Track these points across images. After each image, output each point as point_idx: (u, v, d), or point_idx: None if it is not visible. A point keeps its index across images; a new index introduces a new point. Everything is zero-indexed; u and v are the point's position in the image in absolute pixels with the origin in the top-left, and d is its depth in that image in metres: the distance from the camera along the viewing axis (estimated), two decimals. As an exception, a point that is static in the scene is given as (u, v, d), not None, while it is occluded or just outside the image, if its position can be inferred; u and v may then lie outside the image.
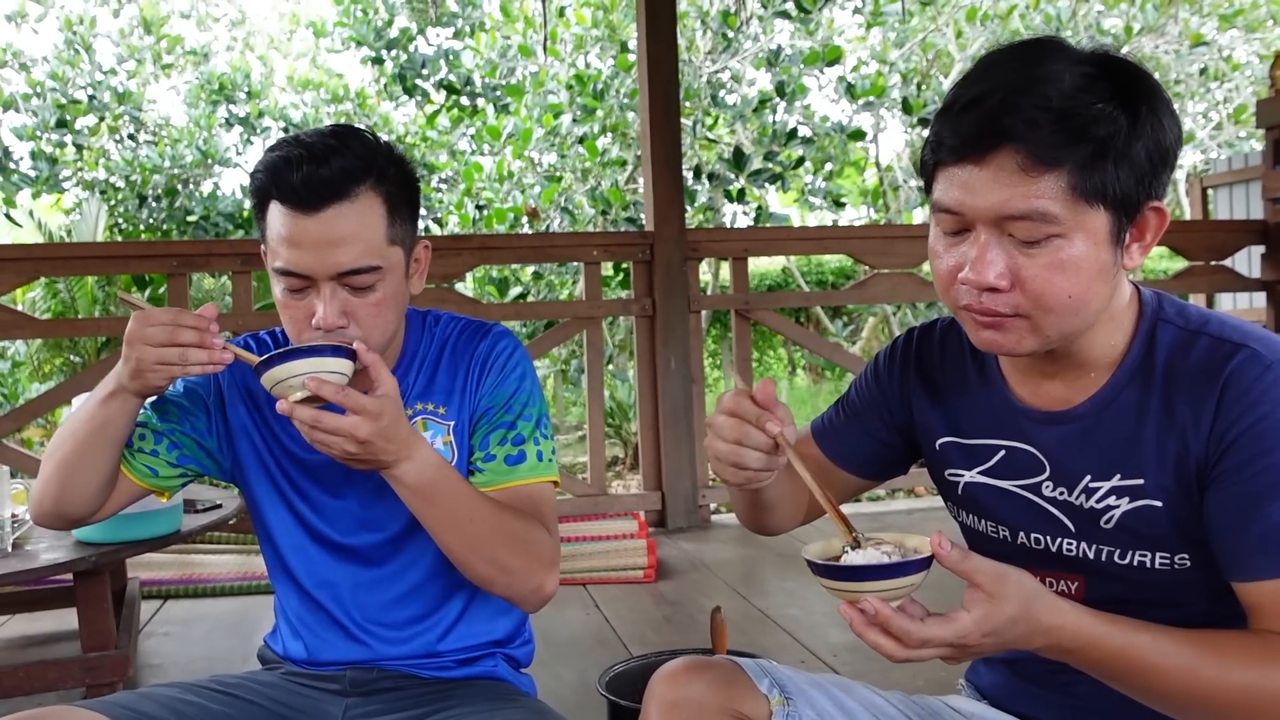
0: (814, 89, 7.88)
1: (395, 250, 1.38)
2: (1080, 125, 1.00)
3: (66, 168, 9.71)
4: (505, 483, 1.44)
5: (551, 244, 4.86)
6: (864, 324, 8.34)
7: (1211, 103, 10.22)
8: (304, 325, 1.36)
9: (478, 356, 1.48)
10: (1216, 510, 1.06)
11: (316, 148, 1.33)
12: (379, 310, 1.36)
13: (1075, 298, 1.05)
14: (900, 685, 1.43)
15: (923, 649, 0.99)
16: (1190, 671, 1.00)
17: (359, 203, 1.33)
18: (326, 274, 1.32)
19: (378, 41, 10.04)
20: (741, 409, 1.12)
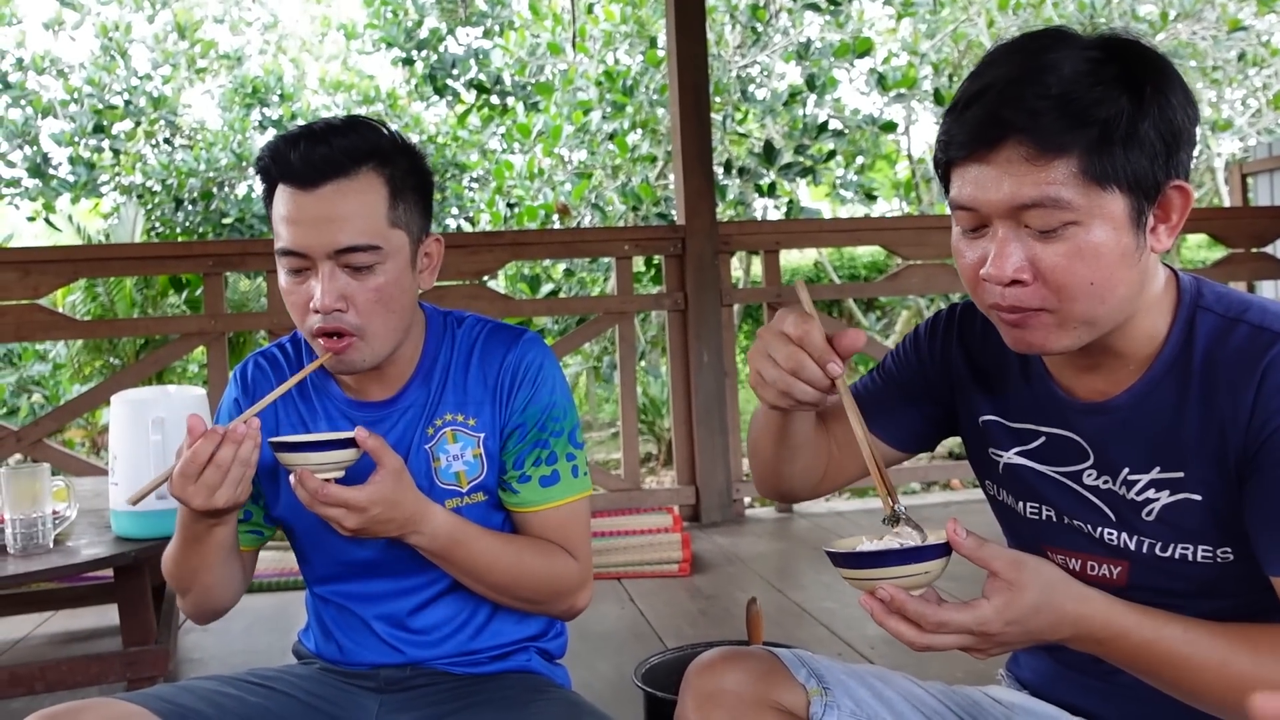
0: (844, 82, 7.81)
1: (398, 234, 1.36)
2: (1081, 109, 0.98)
3: (104, 172, 9.84)
4: (540, 504, 1.44)
5: (582, 239, 4.86)
6: (897, 317, 8.28)
7: (1250, 89, 10.05)
8: (305, 311, 1.35)
9: (508, 367, 1.46)
10: (1254, 503, 1.04)
11: (318, 128, 1.35)
12: (378, 295, 1.34)
13: (1098, 284, 1.02)
14: (940, 677, 1.41)
15: (941, 633, 0.97)
16: (1224, 665, 0.98)
17: (359, 180, 1.33)
18: (323, 251, 1.31)
19: (408, 42, 10.10)
20: (809, 340, 1.08)
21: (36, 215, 9.64)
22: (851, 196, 7.81)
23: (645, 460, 6.69)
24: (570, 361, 7.15)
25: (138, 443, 2.16)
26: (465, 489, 1.44)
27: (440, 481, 1.43)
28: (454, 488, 1.44)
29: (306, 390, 1.50)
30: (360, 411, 1.46)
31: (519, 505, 1.44)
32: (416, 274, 1.42)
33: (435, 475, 1.43)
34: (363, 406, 1.46)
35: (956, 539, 0.97)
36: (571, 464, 1.46)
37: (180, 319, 5.69)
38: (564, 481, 1.44)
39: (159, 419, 2.17)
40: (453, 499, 1.43)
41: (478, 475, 1.44)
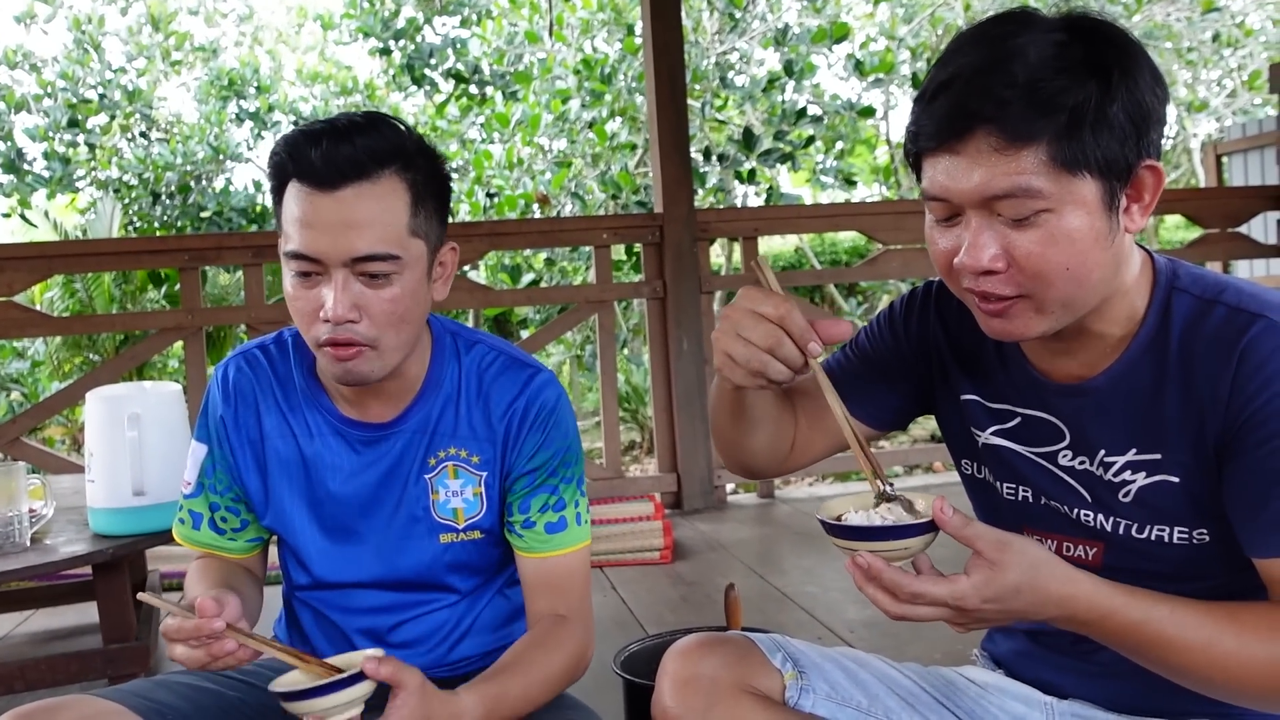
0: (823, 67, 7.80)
1: (417, 243, 1.29)
2: (1049, 97, 0.98)
3: (80, 167, 9.76)
4: (543, 552, 1.40)
5: (561, 228, 4.85)
6: (878, 302, 8.30)
7: (1225, 70, 10.10)
8: (313, 319, 1.27)
9: (519, 409, 1.39)
10: (1234, 485, 1.05)
11: (341, 124, 1.27)
12: (394, 307, 1.27)
13: (1073, 269, 1.02)
14: (916, 658, 1.42)
15: (916, 604, 0.98)
16: (1210, 644, 0.99)
17: (381, 185, 1.25)
18: (339, 259, 1.24)
19: (385, 32, 10.04)
20: (791, 319, 1.06)
21: (12, 212, 9.55)
22: (831, 182, 7.82)
23: (629, 448, 6.69)
24: (552, 351, 7.15)
25: (114, 439, 2.15)
26: (461, 525, 1.41)
27: (437, 515, 1.40)
28: (450, 523, 1.40)
29: (297, 402, 1.43)
30: (356, 430, 1.40)
31: (523, 550, 1.41)
32: (431, 284, 1.35)
33: (433, 508, 1.40)
34: (358, 425, 1.40)
35: (943, 517, 0.97)
36: (577, 510, 1.42)
37: (157, 314, 5.65)
38: (569, 531, 1.41)
39: (135, 415, 2.16)
40: (447, 534, 1.41)
41: (476, 514, 1.41)
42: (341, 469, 1.40)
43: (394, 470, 1.39)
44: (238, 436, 1.44)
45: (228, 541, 1.48)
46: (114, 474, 2.15)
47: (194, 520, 1.48)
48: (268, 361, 1.45)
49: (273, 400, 1.43)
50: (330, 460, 1.40)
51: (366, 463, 1.40)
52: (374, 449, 1.40)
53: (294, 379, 1.43)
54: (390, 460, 1.39)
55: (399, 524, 1.40)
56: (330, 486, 1.41)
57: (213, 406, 1.46)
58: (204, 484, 1.46)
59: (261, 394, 1.43)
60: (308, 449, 1.41)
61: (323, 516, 1.42)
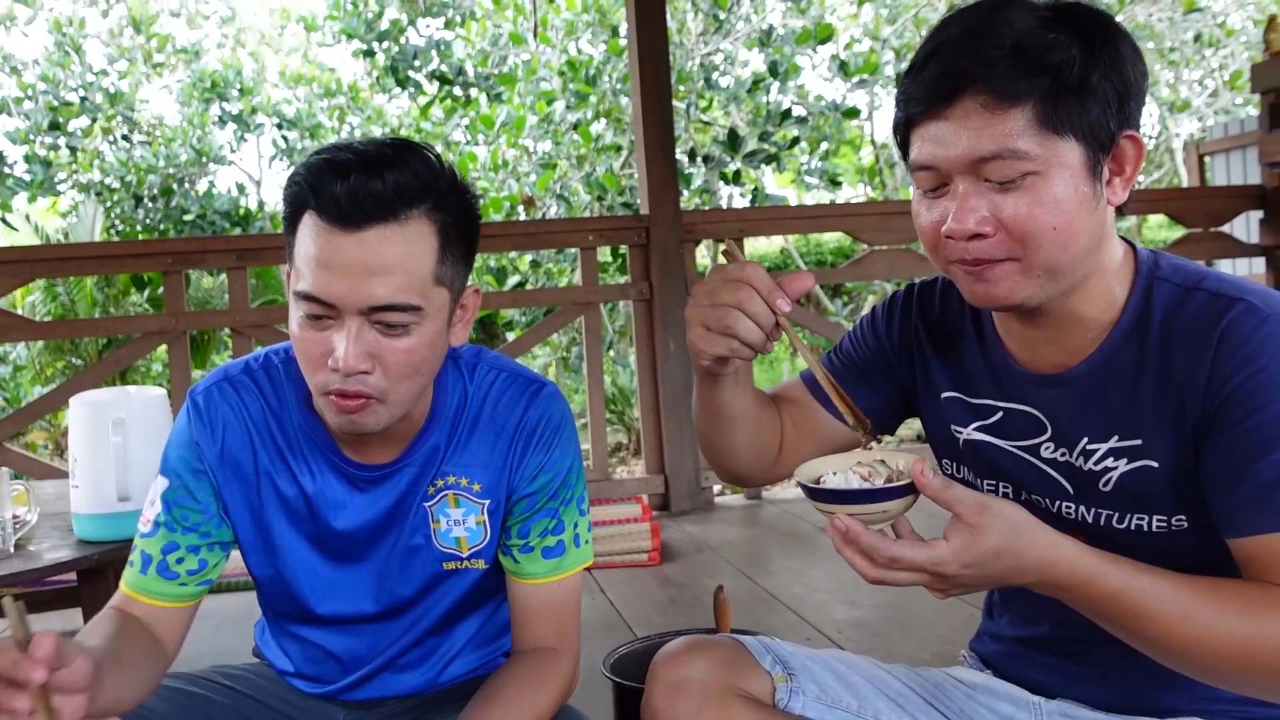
0: (807, 68, 7.83)
1: (440, 292, 1.20)
2: (1034, 56, 1.01)
3: (61, 170, 9.71)
4: (538, 579, 1.35)
5: (546, 230, 4.84)
6: (863, 302, 8.32)
7: (1207, 70, 10.17)
8: (319, 365, 1.18)
9: (523, 430, 1.33)
10: (1211, 464, 1.05)
11: (370, 155, 1.15)
12: (409, 358, 1.18)
13: (1060, 229, 1.04)
14: (905, 659, 1.43)
15: (893, 568, 0.98)
16: (1187, 617, 0.99)
17: (409, 228, 1.15)
18: (356, 306, 1.14)
19: (369, 34, 10.02)
20: (756, 276, 1.07)
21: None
22: (816, 183, 7.84)
23: (616, 450, 6.69)
24: (538, 353, 7.14)
25: (98, 445, 2.13)
26: (465, 554, 1.35)
27: (439, 544, 1.34)
28: (453, 552, 1.35)
29: (296, 438, 1.32)
30: (359, 470, 1.32)
31: (518, 575, 1.35)
32: (450, 329, 1.26)
33: (434, 537, 1.34)
34: (361, 466, 1.32)
35: (923, 480, 0.97)
36: (575, 532, 1.36)
37: (140, 318, 5.63)
38: (568, 553, 1.35)
39: (119, 420, 2.14)
40: (451, 562, 1.36)
41: (480, 542, 1.35)
42: (345, 506, 1.33)
43: (398, 504, 1.33)
44: (224, 472, 1.32)
45: (175, 588, 1.31)
46: (98, 479, 2.13)
47: (141, 563, 1.32)
48: (258, 389, 1.34)
49: (268, 434, 1.33)
50: (334, 498, 1.33)
51: (371, 499, 1.33)
52: (379, 486, 1.33)
53: (290, 412, 1.32)
54: (395, 495, 1.33)
55: (399, 554, 1.35)
56: (335, 525, 1.34)
57: (185, 435, 1.33)
58: (162, 522, 1.32)
59: (254, 426, 1.33)
60: (310, 488, 1.32)
61: (326, 552, 1.35)
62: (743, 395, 1.25)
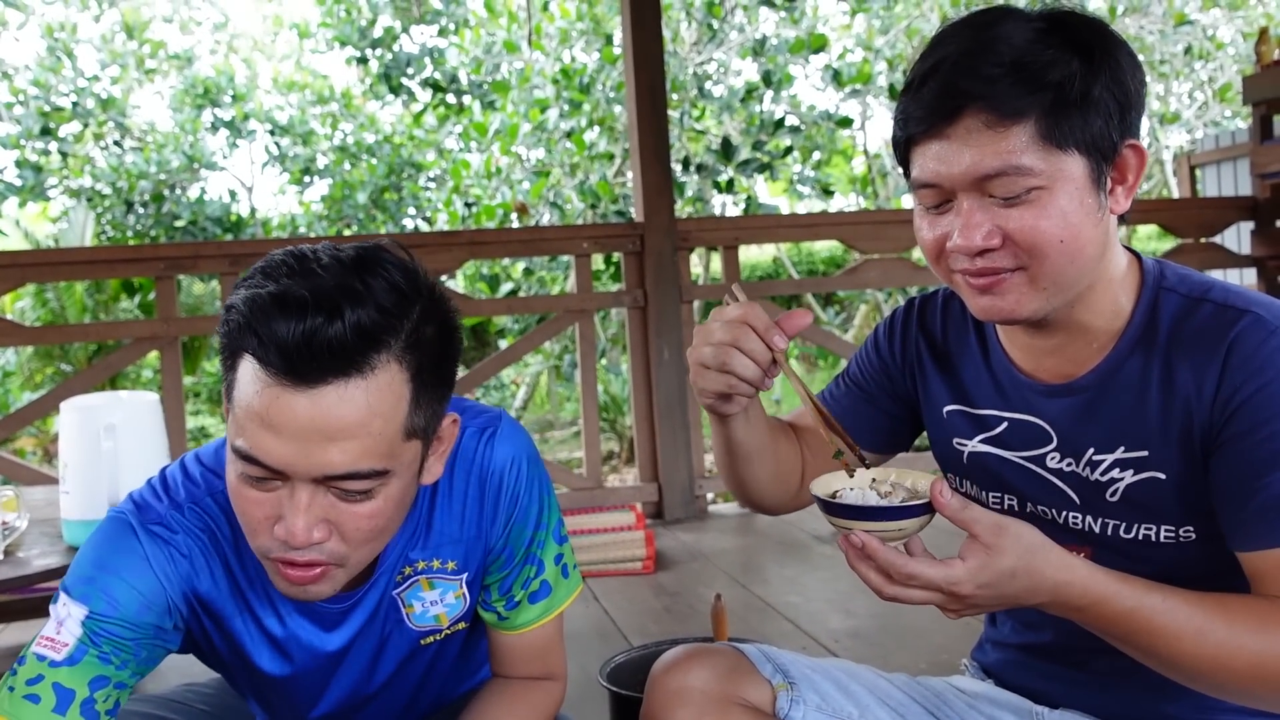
0: (800, 78, 7.86)
1: (411, 446, 1.02)
2: (1035, 73, 1.01)
3: (52, 176, 9.67)
4: (529, 625, 1.27)
5: (541, 237, 4.83)
6: (856, 311, 8.34)
7: (1197, 82, 10.22)
8: (263, 529, 1.01)
9: (489, 484, 1.19)
10: (1220, 478, 1.05)
11: (327, 288, 0.94)
12: (372, 524, 1.02)
13: (1068, 241, 1.04)
14: (905, 668, 1.42)
15: (910, 586, 0.98)
16: (1200, 634, 0.99)
17: (375, 379, 0.96)
18: (308, 475, 0.97)
19: (362, 41, 10.01)
20: (752, 314, 1.08)
21: (-18, 220, 9.46)
22: (809, 192, 7.85)
23: (608, 458, 6.68)
24: (531, 361, 7.12)
25: (89, 450, 2.11)
26: (445, 626, 1.25)
27: (414, 625, 1.23)
28: (432, 627, 1.24)
29: (255, 577, 1.15)
30: (330, 604, 1.17)
31: (505, 628, 1.27)
32: (424, 468, 1.09)
33: (408, 620, 1.22)
34: (331, 599, 1.15)
35: (941, 500, 0.97)
36: (560, 565, 1.27)
37: (131, 324, 5.59)
38: (556, 589, 1.27)
39: (110, 425, 2.12)
40: (430, 636, 1.25)
41: (460, 611, 1.25)
42: (316, 644, 1.20)
43: (370, 621, 1.21)
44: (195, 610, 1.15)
45: None
46: (89, 486, 2.11)
47: (59, 699, 1.05)
48: (209, 518, 1.14)
49: (226, 573, 1.14)
50: (305, 639, 1.19)
51: (345, 629, 1.21)
52: (351, 615, 1.20)
53: (245, 547, 1.12)
54: (368, 611, 1.20)
55: (368, 650, 1.23)
56: (309, 664, 1.21)
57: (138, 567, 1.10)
58: (90, 652, 1.07)
59: (213, 563, 1.14)
60: (278, 631, 1.18)
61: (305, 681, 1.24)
62: (755, 431, 1.25)
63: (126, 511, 1.13)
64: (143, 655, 1.11)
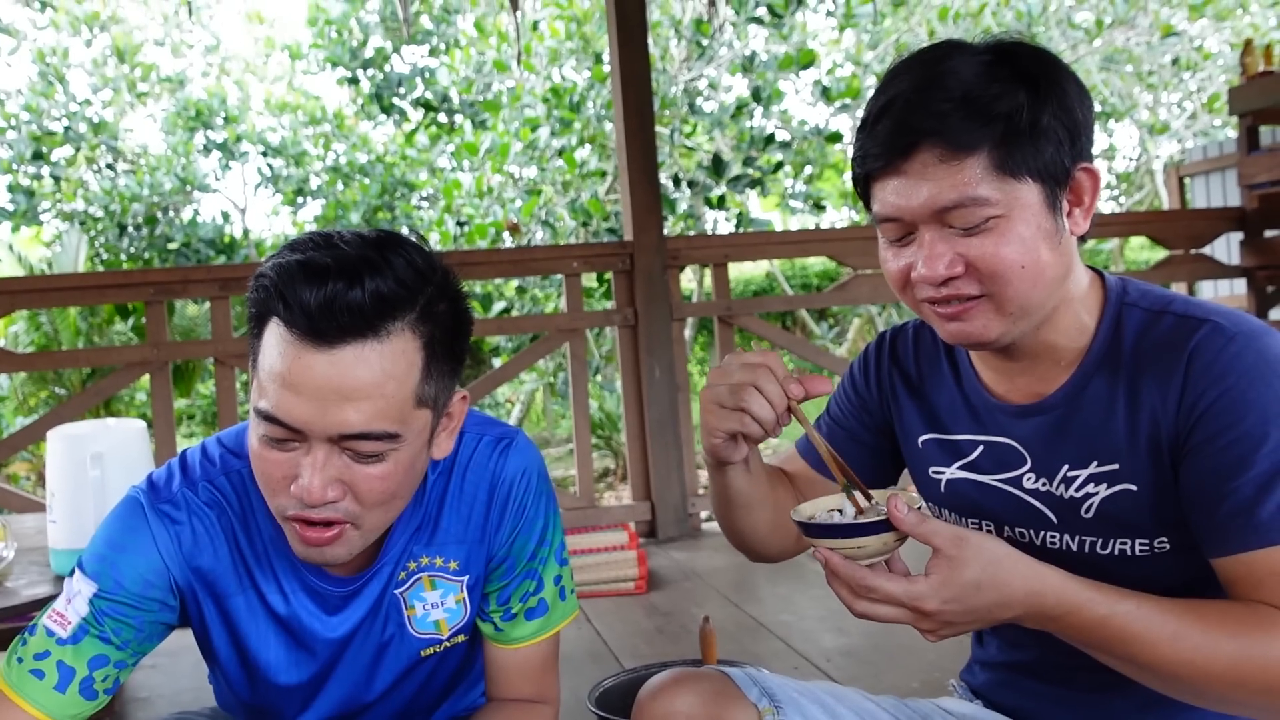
0: (790, 93, 7.87)
1: (422, 414, 1.08)
2: (984, 106, 1.04)
3: (45, 200, 9.68)
4: (523, 642, 1.28)
5: (531, 257, 4.84)
6: (849, 326, 8.35)
7: (1185, 93, 10.28)
8: (281, 489, 1.07)
9: (498, 493, 1.23)
10: (1190, 486, 1.06)
11: (349, 258, 1.02)
12: (384, 485, 1.07)
13: (1028, 266, 1.06)
14: (894, 689, 1.41)
15: (869, 599, 0.99)
16: (1175, 639, 0.99)
17: (390, 344, 1.03)
18: (324, 433, 1.03)
19: (353, 61, 10.06)
20: (771, 361, 1.11)
21: (-25, 245, 9.45)
22: (801, 207, 7.87)
23: (603, 476, 6.66)
24: (525, 378, 7.12)
25: (77, 479, 2.10)
26: (446, 635, 1.27)
27: (415, 631, 1.25)
28: (432, 636, 1.27)
29: (264, 554, 1.20)
30: (334, 585, 1.21)
31: (500, 641, 1.28)
32: (434, 442, 1.14)
33: (409, 624, 1.25)
34: (335, 580, 1.21)
35: (897, 515, 0.98)
36: (559, 587, 1.29)
37: (122, 349, 5.59)
38: (553, 610, 1.29)
39: (98, 454, 2.12)
40: (430, 647, 1.27)
41: (461, 620, 1.27)
42: (320, 629, 1.23)
43: (373, 609, 1.24)
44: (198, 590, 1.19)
45: (85, 706, 1.15)
46: (76, 514, 2.10)
47: (61, 678, 1.12)
48: (221, 496, 1.19)
49: (235, 550, 1.19)
50: (308, 623, 1.22)
51: (347, 615, 1.24)
52: (355, 599, 1.23)
53: (257, 522, 1.19)
54: (371, 600, 1.24)
55: (369, 652, 1.26)
56: (310, 647, 1.24)
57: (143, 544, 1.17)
58: (92, 630, 1.14)
59: (222, 540, 1.19)
60: (281, 609, 1.21)
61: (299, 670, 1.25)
62: (755, 481, 1.26)
63: (140, 491, 1.20)
64: (144, 633, 1.17)
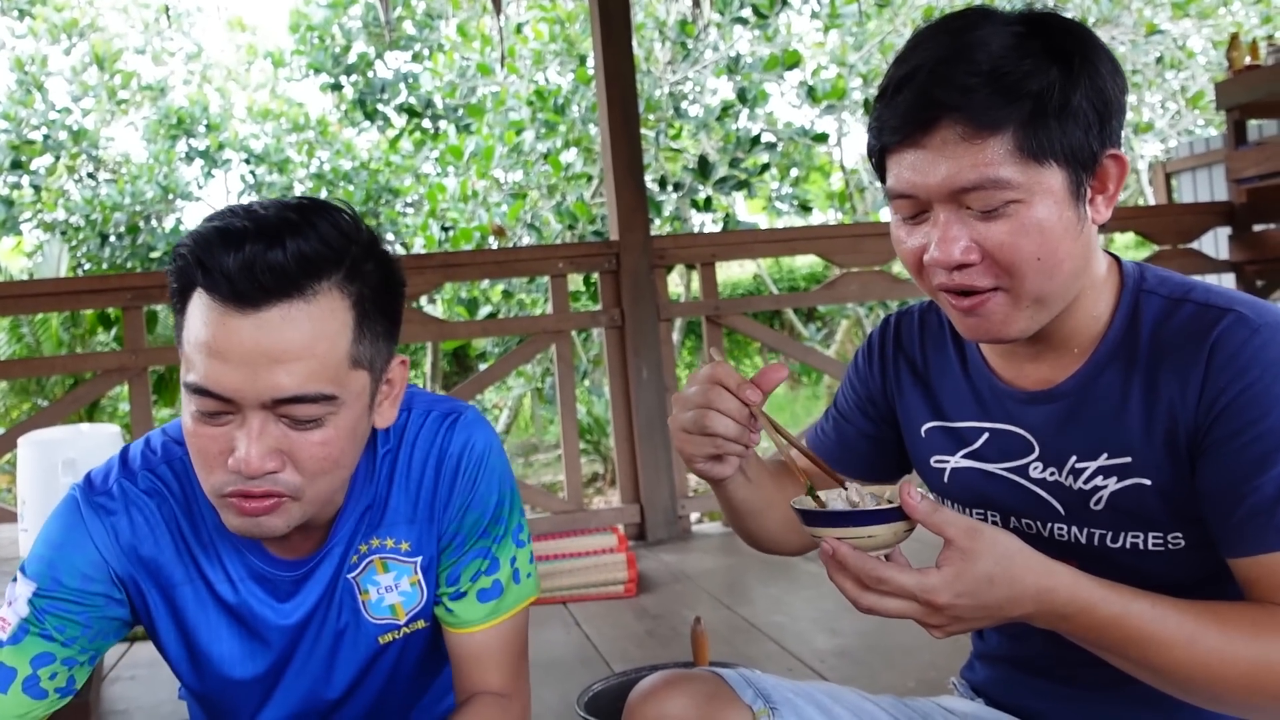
0: (775, 95, 7.87)
1: (358, 375, 1.06)
2: (1013, 84, 0.98)
3: (25, 209, 9.59)
4: (477, 625, 1.24)
5: (516, 258, 4.80)
6: (837, 327, 8.33)
7: (1169, 92, 10.31)
8: (218, 465, 1.03)
9: (445, 467, 1.20)
10: (1208, 483, 1.02)
11: (269, 221, 1.00)
12: (325, 452, 1.04)
13: (1045, 259, 1.01)
14: (891, 688, 1.37)
15: (882, 593, 0.94)
16: (1192, 642, 0.95)
17: (316, 304, 1.01)
18: (257, 399, 1.00)
19: (336, 68, 10.01)
20: (720, 374, 1.07)
21: (-46, 256, 9.36)
22: (787, 209, 7.85)
23: (592, 480, 6.62)
24: (513, 384, 7.07)
25: (48, 486, 2.05)
26: (403, 621, 1.24)
27: (371, 616, 1.22)
28: (389, 621, 1.23)
29: (210, 542, 1.17)
30: (283, 570, 1.19)
31: (454, 625, 1.24)
32: (374, 410, 1.12)
33: (364, 610, 1.22)
34: (284, 565, 1.19)
35: (910, 502, 0.94)
36: (514, 568, 1.25)
37: (99, 355, 5.52)
38: (507, 592, 1.24)
39: (70, 460, 2.06)
40: (388, 633, 1.24)
41: (417, 604, 1.24)
42: (271, 616, 1.20)
43: (325, 593, 1.21)
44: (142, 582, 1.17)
45: (34, 706, 1.13)
46: (48, 522, 2.05)
47: (2, 678, 1.11)
48: (162, 484, 1.17)
49: (180, 539, 1.17)
50: (259, 611, 1.20)
51: (298, 602, 1.21)
52: (305, 584, 1.20)
53: (202, 509, 1.17)
54: (322, 585, 1.21)
55: (325, 643, 1.22)
56: (262, 635, 1.21)
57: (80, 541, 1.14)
58: (32, 630, 1.12)
59: (164, 530, 1.17)
60: (230, 598, 1.19)
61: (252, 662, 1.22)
62: (757, 487, 1.22)
63: (76, 489, 1.17)
64: (94, 629, 1.15)
